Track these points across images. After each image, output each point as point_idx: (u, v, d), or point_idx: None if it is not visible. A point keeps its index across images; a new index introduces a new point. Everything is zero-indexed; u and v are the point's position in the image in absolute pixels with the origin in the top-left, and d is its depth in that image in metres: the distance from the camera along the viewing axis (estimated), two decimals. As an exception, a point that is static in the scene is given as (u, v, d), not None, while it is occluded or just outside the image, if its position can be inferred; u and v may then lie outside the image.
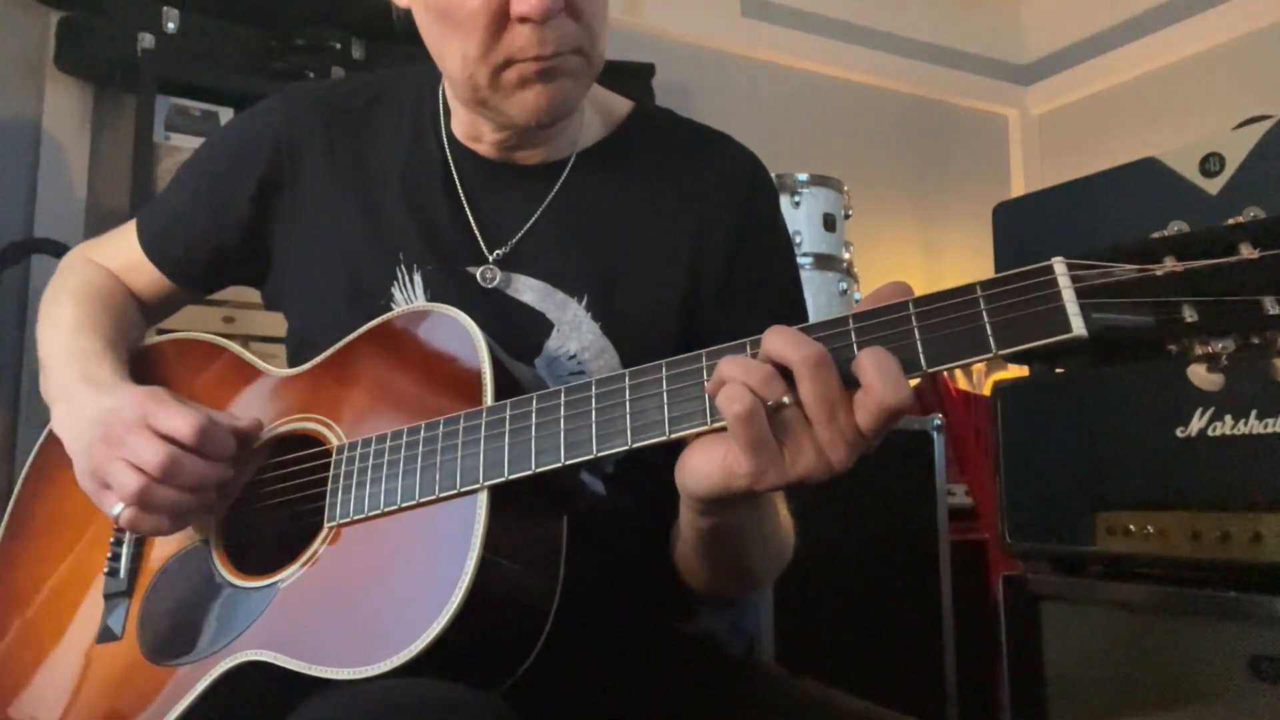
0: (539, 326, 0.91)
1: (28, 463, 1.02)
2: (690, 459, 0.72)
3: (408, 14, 0.91)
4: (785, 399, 0.65)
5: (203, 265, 1.04)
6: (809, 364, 0.64)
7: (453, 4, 0.82)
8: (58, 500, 0.98)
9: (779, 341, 0.65)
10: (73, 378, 0.93)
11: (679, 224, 0.96)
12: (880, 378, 0.63)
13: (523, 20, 0.80)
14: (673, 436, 0.70)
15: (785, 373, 0.65)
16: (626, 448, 0.71)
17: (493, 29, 0.81)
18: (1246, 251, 0.57)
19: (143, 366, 1.02)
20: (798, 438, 0.66)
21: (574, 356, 0.91)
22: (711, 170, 0.98)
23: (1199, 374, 0.61)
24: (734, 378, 0.65)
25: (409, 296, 0.92)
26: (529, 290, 0.92)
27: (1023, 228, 1.81)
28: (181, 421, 0.82)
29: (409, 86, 1.02)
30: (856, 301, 2.43)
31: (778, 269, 1.00)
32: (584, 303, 0.92)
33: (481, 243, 0.94)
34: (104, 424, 0.85)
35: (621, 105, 1.03)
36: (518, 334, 0.90)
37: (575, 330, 0.91)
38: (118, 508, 0.83)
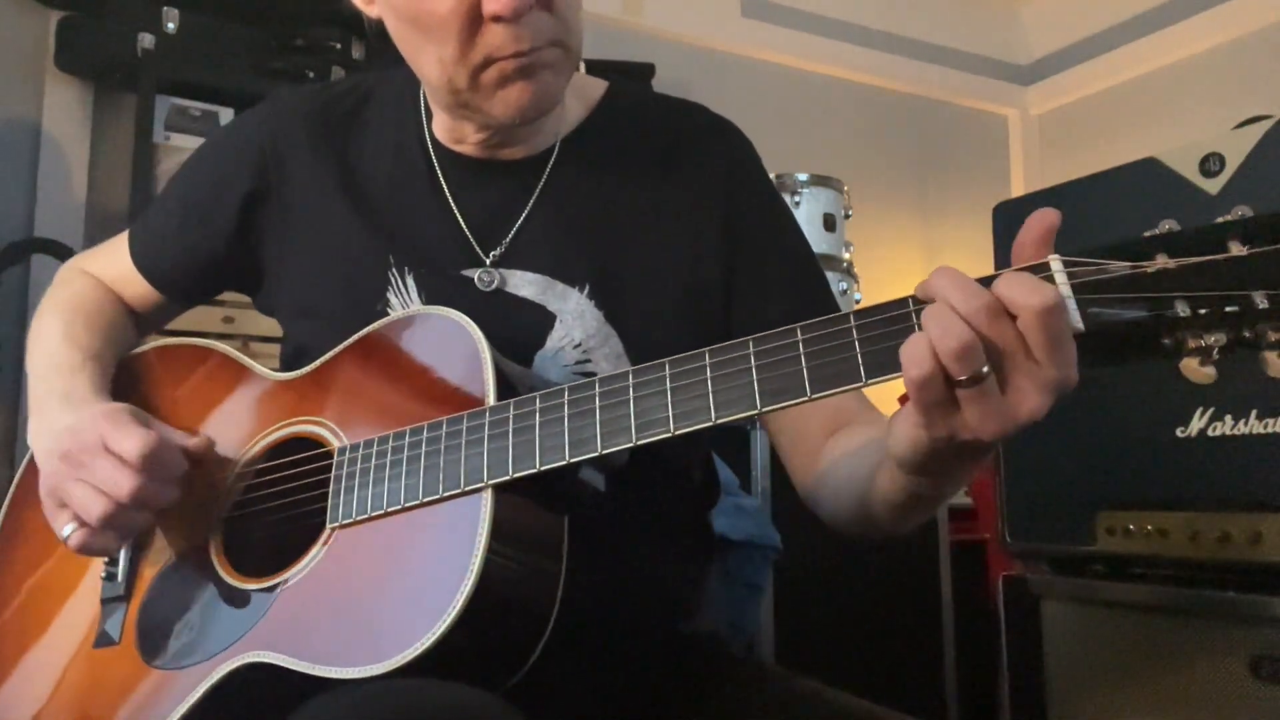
0: (540, 321, 0.91)
1: (21, 467, 1.01)
2: (895, 424, 0.68)
3: (380, 23, 0.90)
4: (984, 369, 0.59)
5: (193, 278, 1.05)
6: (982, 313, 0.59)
7: (424, 10, 0.81)
8: None
9: (1003, 285, 0.60)
10: (48, 391, 0.93)
11: (671, 205, 0.96)
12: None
13: (496, 19, 0.80)
14: (677, 433, 0.70)
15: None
16: (631, 444, 0.71)
17: (467, 30, 0.81)
18: (1236, 248, 0.58)
19: (138, 372, 1.01)
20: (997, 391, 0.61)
21: (579, 345, 0.90)
22: (694, 145, 0.98)
23: (1191, 367, 0.61)
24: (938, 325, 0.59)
25: (405, 301, 0.92)
26: (527, 285, 0.92)
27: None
28: (131, 444, 0.82)
29: (391, 90, 1.02)
30: (857, 301, 2.43)
31: (779, 232, 1.00)
32: (586, 291, 0.91)
33: (475, 245, 0.93)
34: (64, 443, 0.85)
35: (595, 86, 1.02)
36: (519, 331, 0.90)
37: (579, 320, 0.91)
38: (69, 529, 0.85)
